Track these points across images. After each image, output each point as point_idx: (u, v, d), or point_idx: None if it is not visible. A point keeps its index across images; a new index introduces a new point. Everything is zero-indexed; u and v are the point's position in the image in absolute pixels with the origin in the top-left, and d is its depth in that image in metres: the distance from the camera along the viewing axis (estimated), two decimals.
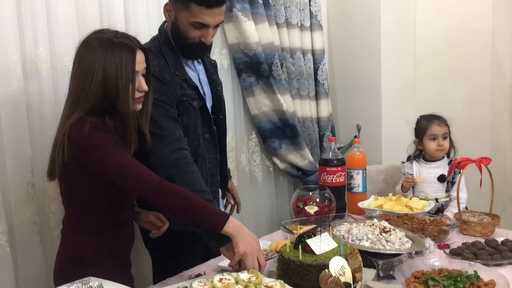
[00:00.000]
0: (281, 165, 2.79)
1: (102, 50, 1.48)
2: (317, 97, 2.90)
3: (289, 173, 2.83)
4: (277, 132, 2.70)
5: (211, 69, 1.97)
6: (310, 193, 2.16)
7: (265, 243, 1.92)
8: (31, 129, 1.83)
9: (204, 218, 1.50)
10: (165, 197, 1.47)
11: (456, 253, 1.74)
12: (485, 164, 2.00)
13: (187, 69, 1.84)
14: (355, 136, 3.02)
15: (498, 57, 3.00)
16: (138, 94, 1.55)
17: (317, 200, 2.14)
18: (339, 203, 2.22)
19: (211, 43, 1.83)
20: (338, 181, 2.26)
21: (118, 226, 1.63)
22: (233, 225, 1.49)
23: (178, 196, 1.49)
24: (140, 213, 1.76)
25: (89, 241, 1.58)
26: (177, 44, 1.80)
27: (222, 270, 1.69)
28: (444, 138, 2.33)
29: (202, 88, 1.88)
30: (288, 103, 2.65)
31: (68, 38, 1.90)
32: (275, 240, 1.95)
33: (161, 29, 1.85)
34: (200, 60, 1.92)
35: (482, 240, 1.84)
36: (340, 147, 2.91)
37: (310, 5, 2.82)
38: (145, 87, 1.55)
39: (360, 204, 2.22)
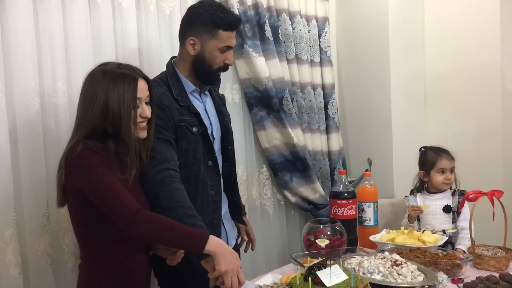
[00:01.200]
0: (292, 199, 2.80)
1: (105, 80, 1.57)
2: (327, 131, 2.92)
3: (300, 206, 2.83)
4: (288, 166, 2.72)
5: (219, 101, 2.08)
6: (321, 226, 2.15)
7: (276, 276, 1.91)
8: (47, 162, 1.88)
9: (185, 242, 1.53)
10: (139, 226, 1.48)
11: (469, 287, 1.72)
12: (497, 197, 1.99)
13: (192, 99, 1.94)
14: (366, 170, 3.03)
15: (508, 90, 3.02)
16: (140, 120, 1.62)
17: (328, 233, 2.13)
18: (351, 236, 2.22)
19: (219, 80, 2.06)
20: (349, 214, 2.27)
21: (133, 255, 1.63)
22: (215, 244, 1.52)
23: (155, 225, 1.50)
24: None
25: (103, 272, 1.58)
26: (201, 72, 1.93)
27: None
28: (451, 171, 2.35)
29: (209, 119, 1.98)
30: (298, 136, 2.68)
31: (85, 73, 1.96)
32: (286, 273, 1.94)
33: (169, 64, 1.97)
34: (207, 93, 2.03)
35: (497, 275, 1.82)
36: (352, 181, 2.90)
37: (319, 42, 2.89)
38: (148, 113, 1.62)
39: (371, 238, 2.21)
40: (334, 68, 3.01)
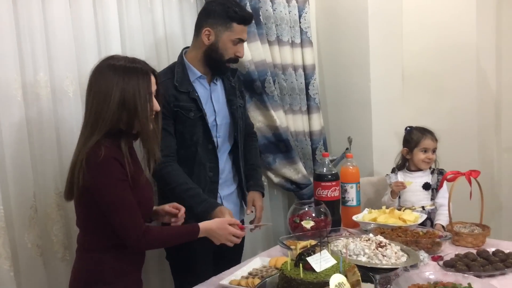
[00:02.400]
0: (276, 179, 2.84)
1: (118, 75, 1.55)
2: (309, 111, 2.95)
3: (283, 186, 2.88)
4: (271, 147, 2.75)
5: (230, 90, 2.21)
6: (306, 208, 2.21)
7: (265, 259, 1.97)
8: (32, 153, 1.87)
9: (183, 240, 1.76)
10: (144, 246, 1.67)
11: (449, 265, 1.80)
12: (474, 177, 2.07)
13: (197, 85, 2.10)
14: (347, 148, 3.08)
15: (483, 70, 3.09)
16: (151, 113, 1.63)
17: (313, 215, 2.19)
18: (334, 217, 2.28)
19: (234, 69, 2.24)
20: (333, 195, 2.32)
21: (123, 247, 1.65)
22: (204, 231, 1.74)
23: (157, 243, 1.73)
24: (156, 210, 1.83)
25: (106, 260, 1.64)
26: (213, 61, 2.08)
27: None
28: (433, 152, 2.44)
29: (213, 106, 2.13)
30: (281, 118, 2.71)
31: (67, 63, 1.95)
32: (274, 256, 2.00)
33: (180, 55, 2.13)
34: (217, 82, 2.18)
35: (474, 251, 1.91)
36: (333, 160, 2.96)
37: (300, 22, 2.89)
38: (158, 107, 1.66)
39: (354, 218, 2.28)
40: (314, 49, 3.02)
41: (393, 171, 2.53)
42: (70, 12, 1.95)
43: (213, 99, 2.15)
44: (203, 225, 1.75)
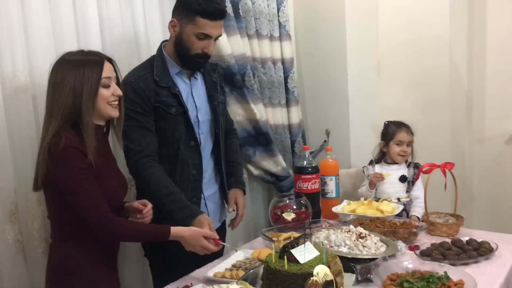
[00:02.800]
0: (255, 172, 2.87)
1: (74, 65, 1.60)
2: (288, 104, 2.99)
3: (263, 179, 2.91)
4: (251, 140, 2.77)
5: (211, 85, 2.14)
6: (287, 201, 2.25)
7: (247, 251, 2.00)
8: (12, 149, 1.84)
9: (150, 238, 1.80)
10: (108, 234, 1.65)
11: (426, 254, 1.87)
12: (449, 169, 2.14)
13: (178, 81, 2.03)
14: (325, 141, 3.14)
15: (455, 64, 3.18)
16: (113, 98, 1.67)
17: (294, 207, 2.23)
18: (315, 209, 2.33)
19: (215, 63, 2.12)
20: (313, 187, 2.37)
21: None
22: (175, 236, 1.74)
23: (122, 234, 1.69)
24: (126, 207, 1.85)
25: (78, 250, 1.66)
26: (181, 55, 1.99)
27: (209, 281, 1.77)
28: (408, 145, 2.49)
29: (194, 101, 2.06)
30: (261, 111, 2.74)
31: (46, 56, 1.92)
32: (256, 248, 2.03)
33: (159, 48, 2.05)
34: (198, 77, 2.10)
35: (449, 240, 1.98)
36: (311, 152, 3.01)
37: (278, 16, 2.91)
38: (119, 91, 1.69)
39: (334, 209, 2.34)
40: (292, 43, 3.05)
41: (371, 163, 2.59)
42: (49, 5, 1.92)
43: (194, 94, 2.08)
44: (175, 230, 1.74)
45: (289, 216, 2.20)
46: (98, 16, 2.10)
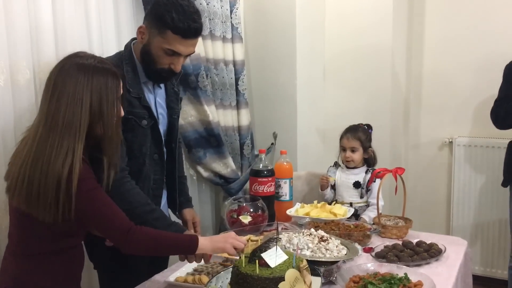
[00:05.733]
0: (205, 174, 2.85)
1: (87, 75, 1.44)
2: (238, 106, 2.99)
3: (212, 181, 2.89)
4: (202, 142, 2.75)
5: (172, 96, 1.98)
6: (244, 204, 2.25)
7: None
8: None
9: (177, 250, 1.64)
10: (131, 244, 1.50)
11: (381, 256, 1.95)
12: (400, 174, 2.24)
13: (145, 89, 1.85)
14: (272, 143, 3.18)
15: (396, 72, 3.34)
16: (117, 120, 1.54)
17: (251, 210, 2.23)
18: (270, 212, 2.34)
19: (180, 71, 1.86)
20: (268, 190, 2.38)
21: (67, 251, 1.56)
22: (204, 246, 1.61)
23: (146, 242, 1.52)
24: None
25: (31, 268, 1.50)
26: (145, 66, 1.81)
27: (171, 286, 1.73)
28: (352, 151, 2.55)
29: (156, 110, 1.89)
30: (213, 113, 2.72)
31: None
32: None
33: (127, 46, 1.85)
34: (162, 85, 1.93)
35: (399, 242, 2.08)
36: (257, 155, 3.03)
37: (231, 18, 2.90)
38: (122, 113, 1.55)
39: (288, 212, 2.37)
40: (243, 45, 3.06)
41: (335, 165, 2.64)
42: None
43: (157, 105, 1.91)
44: (202, 239, 1.61)
45: (245, 219, 2.19)
46: (52, 16, 1.99)
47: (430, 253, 1.96)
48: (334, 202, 2.47)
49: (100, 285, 2.02)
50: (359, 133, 2.55)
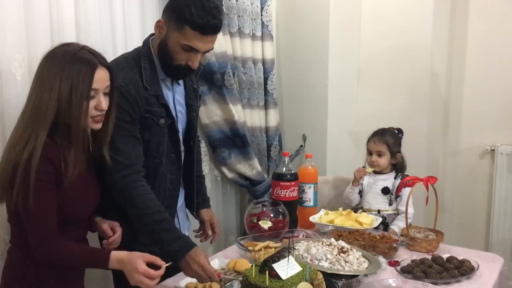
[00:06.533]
0: (230, 175, 2.78)
1: (62, 62, 1.41)
2: (266, 106, 2.90)
3: (236, 182, 2.82)
4: (227, 142, 2.68)
5: (191, 93, 1.92)
6: (264, 208, 2.16)
7: (223, 260, 1.90)
8: None
9: (89, 264, 1.58)
10: (42, 254, 1.45)
11: (406, 271, 1.81)
12: (432, 183, 2.10)
13: (163, 86, 1.79)
14: (301, 146, 3.07)
15: (435, 74, 3.16)
16: (96, 113, 1.49)
17: (271, 215, 2.14)
18: (291, 218, 2.24)
19: (199, 67, 1.81)
20: (291, 195, 2.28)
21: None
22: (115, 263, 1.48)
23: (57, 254, 1.47)
24: (98, 222, 1.68)
25: (31, 259, 1.49)
26: (162, 61, 1.75)
27: None
28: (379, 155, 2.40)
29: (175, 108, 1.84)
30: (239, 113, 2.64)
31: (15, 43, 1.77)
32: (231, 257, 1.93)
33: (146, 42, 1.80)
34: (181, 82, 1.88)
35: (429, 257, 1.94)
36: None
37: (262, 15, 2.82)
38: (104, 106, 1.49)
39: (311, 219, 2.26)
40: (274, 43, 2.97)
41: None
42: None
43: (176, 103, 1.85)
44: (115, 255, 1.48)
45: (265, 224, 2.11)
46: (74, 8, 1.96)
47: (461, 270, 1.81)
48: (361, 210, 2.33)
49: (115, 285, 1.98)
50: (387, 137, 2.41)
